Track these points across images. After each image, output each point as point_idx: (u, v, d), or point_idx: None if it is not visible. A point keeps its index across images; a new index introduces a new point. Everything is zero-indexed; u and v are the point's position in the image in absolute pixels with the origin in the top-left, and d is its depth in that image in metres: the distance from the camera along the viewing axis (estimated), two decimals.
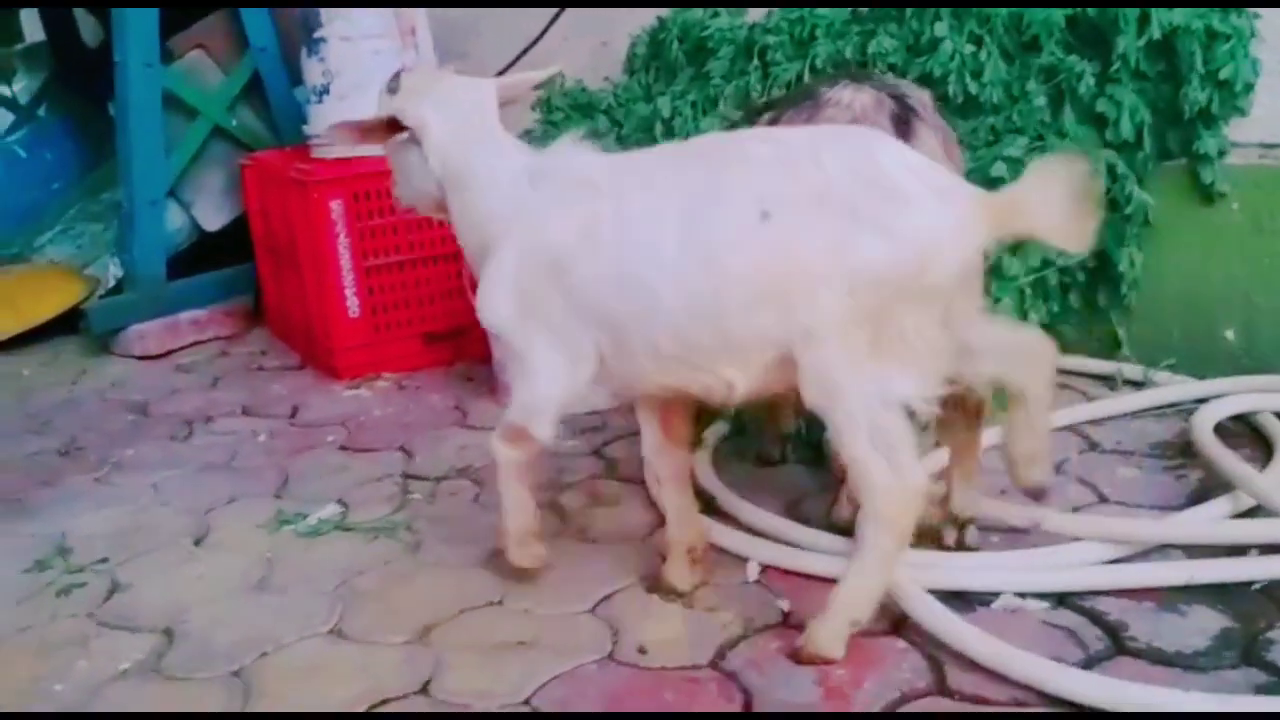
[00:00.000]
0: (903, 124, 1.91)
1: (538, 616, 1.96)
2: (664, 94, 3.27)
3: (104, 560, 2.27)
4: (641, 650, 1.83)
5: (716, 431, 2.59)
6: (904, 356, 1.63)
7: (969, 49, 2.70)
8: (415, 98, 1.97)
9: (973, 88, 2.68)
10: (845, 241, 1.60)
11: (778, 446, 2.50)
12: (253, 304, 4.06)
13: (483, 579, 2.09)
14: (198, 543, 2.35)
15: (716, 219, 1.67)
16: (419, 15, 3.45)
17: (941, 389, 1.67)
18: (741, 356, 1.70)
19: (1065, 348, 2.75)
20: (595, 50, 3.57)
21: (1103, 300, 2.78)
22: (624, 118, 3.34)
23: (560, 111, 3.43)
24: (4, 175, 4.71)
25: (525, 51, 3.68)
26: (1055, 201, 1.58)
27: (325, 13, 3.36)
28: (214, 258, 4.07)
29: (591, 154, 1.88)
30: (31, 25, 5.93)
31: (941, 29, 2.73)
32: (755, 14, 3.19)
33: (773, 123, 2.17)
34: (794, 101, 2.11)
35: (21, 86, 5.08)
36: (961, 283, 1.67)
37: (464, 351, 3.43)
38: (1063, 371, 2.77)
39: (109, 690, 1.84)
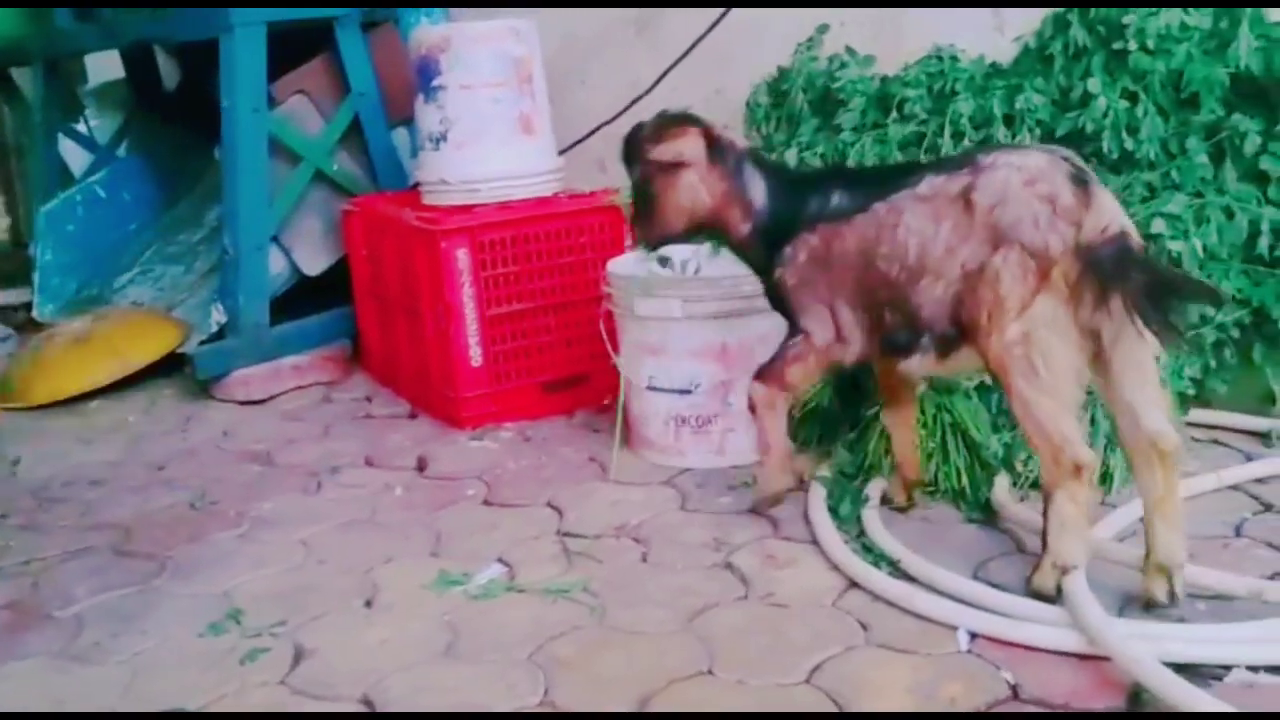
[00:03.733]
0: (1081, 184, 1.93)
1: (753, 688, 1.92)
2: (787, 145, 3.27)
3: (281, 623, 2.23)
4: None
5: (876, 487, 2.57)
6: None
7: (1123, 104, 2.70)
8: None
9: (1128, 144, 2.68)
10: None
11: (903, 493, 2.51)
12: (350, 349, 4.03)
13: (682, 646, 2.06)
14: (368, 604, 2.31)
15: None
16: (535, 64, 3.44)
17: None
18: None
19: (1219, 403, 2.77)
20: (709, 99, 3.56)
21: (1258, 356, 2.75)
22: None
23: None
24: (85, 217, 4.69)
25: (636, 100, 3.68)
26: None
27: (445, 60, 3.34)
28: (309, 301, 4.04)
29: None
30: (96, 66, 5.93)
31: (1094, 85, 2.72)
32: (885, 65, 3.19)
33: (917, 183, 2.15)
34: (944, 167, 2.11)
35: (98, 125, 5.06)
36: None
37: (580, 400, 3.41)
38: (1216, 428, 2.77)
39: None
